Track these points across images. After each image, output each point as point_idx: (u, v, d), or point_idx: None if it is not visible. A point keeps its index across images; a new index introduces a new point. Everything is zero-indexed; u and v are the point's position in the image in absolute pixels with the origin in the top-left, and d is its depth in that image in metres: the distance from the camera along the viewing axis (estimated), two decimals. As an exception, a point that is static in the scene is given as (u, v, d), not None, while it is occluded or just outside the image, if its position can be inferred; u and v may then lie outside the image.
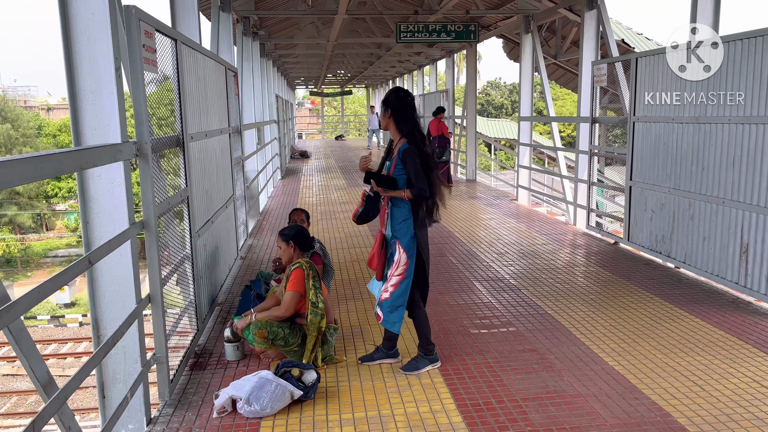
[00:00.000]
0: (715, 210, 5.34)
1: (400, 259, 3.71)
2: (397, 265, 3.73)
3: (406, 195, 3.65)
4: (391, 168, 3.73)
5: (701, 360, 3.95)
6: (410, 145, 3.67)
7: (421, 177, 3.63)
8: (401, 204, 3.72)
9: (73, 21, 2.94)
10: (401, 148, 3.68)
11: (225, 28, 8.11)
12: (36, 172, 2.06)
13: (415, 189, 3.63)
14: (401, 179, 3.69)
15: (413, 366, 3.86)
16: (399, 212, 3.73)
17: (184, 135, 4.12)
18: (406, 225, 3.72)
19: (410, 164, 3.64)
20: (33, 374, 2.30)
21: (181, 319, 3.98)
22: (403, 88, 3.95)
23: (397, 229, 3.73)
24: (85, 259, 2.48)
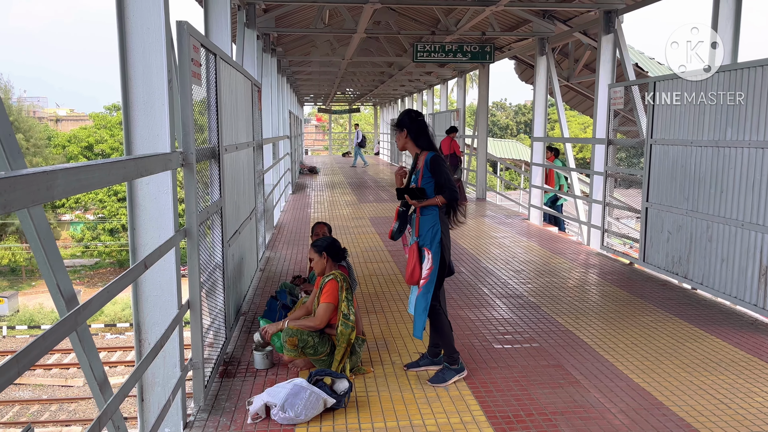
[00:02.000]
0: (734, 232, 5.42)
1: (426, 263, 3.85)
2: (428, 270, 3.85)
3: (440, 200, 3.81)
4: (419, 179, 3.87)
5: (725, 379, 4.00)
6: (435, 153, 3.89)
7: (450, 179, 3.84)
8: (429, 211, 3.87)
9: (129, 36, 3.05)
10: (428, 157, 3.86)
11: (249, 45, 8.27)
12: (108, 177, 2.16)
13: (447, 192, 3.80)
14: (429, 187, 3.85)
15: (440, 378, 3.91)
16: (427, 219, 3.87)
17: (220, 147, 4.23)
18: (434, 231, 3.85)
19: (439, 170, 3.83)
20: (91, 373, 2.38)
21: (214, 326, 4.05)
22: (413, 109, 4.20)
23: (426, 235, 3.86)
24: (141, 263, 2.57)
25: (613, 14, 8.55)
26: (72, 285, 2.18)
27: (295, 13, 12.08)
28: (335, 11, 12.29)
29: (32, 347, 1.60)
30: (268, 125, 10.38)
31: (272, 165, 10.16)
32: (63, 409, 14.84)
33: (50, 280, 2.11)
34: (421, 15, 12.88)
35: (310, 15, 12.32)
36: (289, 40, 15.13)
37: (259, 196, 7.25)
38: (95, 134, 37.01)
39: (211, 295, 4.14)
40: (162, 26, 3.05)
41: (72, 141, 36.97)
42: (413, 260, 3.89)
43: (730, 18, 6.08)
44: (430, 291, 3.85)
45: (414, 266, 3.88)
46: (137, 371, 2.66)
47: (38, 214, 2.06)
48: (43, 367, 16.99)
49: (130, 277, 2.44)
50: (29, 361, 1.57)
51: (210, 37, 5.67)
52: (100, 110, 42.04)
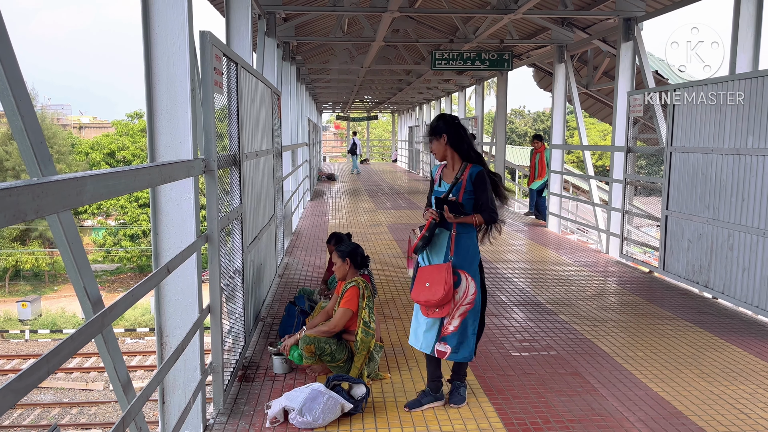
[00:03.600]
0: (756, 241, 5.36)
1: (468, 288, 3.53)
2: (465, 295, 3.53)
3: (477, 220, 3.51)
4: (460, 193, 3.55)
5: (745, 389, 3.96)
6: (482, 168, 3.60)
7: (492, 201, 3.56)
8: (468, 230, 3.57)
9: (154, 45, 3.13)
10: (474, 171, 3.56)
11: (270, 53, 8.39)
12: (134, 183, 2.22)
13: (486, 213, 3.52)
14: (469, 204, 3.56)
15: (459, 398, 3.70)
16: (466, 239, 3.56)
17: (240, 154, 4.30)
18: (473, 252, 3.57)
19: (484, 187, 3.54)
20: (115, 374, 2.43)
21: (234, 330, 4.11)
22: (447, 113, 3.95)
23: (464, 256, 3.54)
24: (164, 268, 2.63)
25: (633, 21, 8.52)
26: (98, 288, 2.24)
27: (314, 22, 12.21)
28: (354, 20, 12.40)
29: (61, 347, 1.65)
30: (288, 133, 10.49)
31: (291, 172, 10.25)
32: (83, 413, 15.04)
33: (77, 283, 2.17)
34: (439, 23, 12.94)
35: (329, 23, 12.45)
36: (309, 48, 15.28)
37: (278, 202, 7.32)
38: (117, 141, 37.59)
39: (231, 300, 4.20)
40: (186, 36, 3.12)
41: (95, 148, 37.58)
42: (443, 281, 3.46)
43: (751, 25, 6.04)
44: (477, 317, 3.57)
45: (447, 289, 3.45)
46: (159, 374, 2.72)
47: (67, 218, 2.13)
48: (64, 370, 17.24)
49: (153, 281, 2.49)
50: (58, 361, 1.62)
51: (231, 46, 5.77)
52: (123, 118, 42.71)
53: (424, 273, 3.57)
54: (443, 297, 3.45)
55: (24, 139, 2.00)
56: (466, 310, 3.54)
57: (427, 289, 3.50)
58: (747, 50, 5.96)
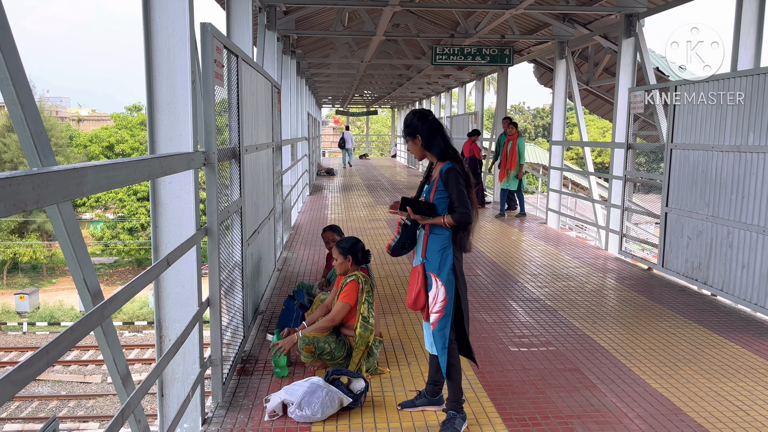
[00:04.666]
0: (755, 238, 5.36)
1: (437, 295, 3.30)
2: (435, 301, 3.30)
3: (447, 221, 3.25)
4: (432, 191, 3.34)
5: (744, 386, 3.97)
6: (453, 164, 3.31)
7: (464, 200, 3.25)
8: (440, 231, 3.31)
9: (155, 37, 3.11)
10: (443, 168, 3.31)
11: (270, 47, 8.35)
12: (134, 175, 2.21)
13: (457, 214, 3.24)
14: (442, 203, 3.30)
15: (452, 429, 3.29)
16: (437, 240, 3.32)
17: (240, 147, 4.29)
18: (445, 255, 3.30)
19: (453, 185, 3.27)
20: (114, 367, 2.43)
21: (233, 324, 4.10)
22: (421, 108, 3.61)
23: (435, 259, 3.32)
24: (164, 260, 2.62)
25: (634, 18, 8.50)
26: (98, 280, 2.23)
27: (315, 16, 12.16)
28: (355, 14, 12.35)
29: (61, 339, 1.64)
30: (287, 127, 10.46)
31: (290, 166, 10.23)
32: (81, 406, 15.06)
33: (77, 274, 2.16)
34: (440, 18, 12.89)
35: (329, 17, 12.40)
36: (309, 42, 15.23)
37: (278, 196, 7.31)
38: (116, 134, 37.52)
39: (230, 293, 4.20)
40: (186, 28, 3.10)
41: (93, 141, 37.54)
42: (416, 284, 3.36)
43: (753, 22, 6.02)
44: (447, 326, 3.29)
45: (419, 292, 3.34)
46: (158, 367, 2.71)
47: (67, 209, 2.12)
48: (62, 363, 17.25)
49: (153, 273, 2.49)
50: (58, 352, 1.62)
51: (232, 38, 5.75)
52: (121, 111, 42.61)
53: (411, 276, 3.49)
54: (414, 300, 3.36)
55: (24, 129, 1.98)
56: (436, 319, 3.30)
57: (409, 290, 3.44)
58: (749, 47, 5.95)
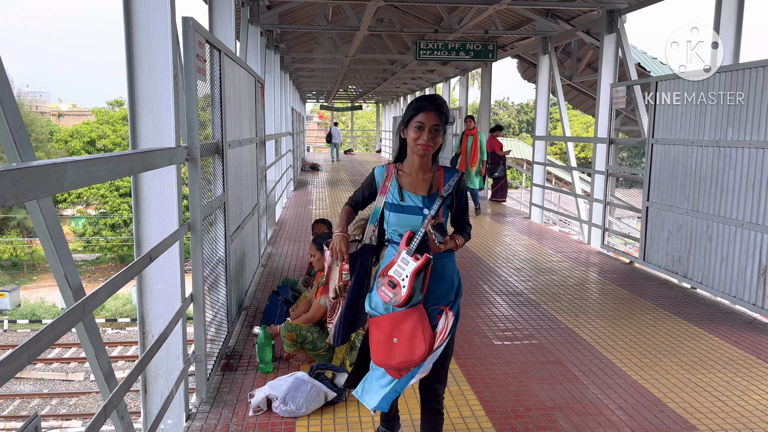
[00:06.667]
0: (734, 232, 5.44)
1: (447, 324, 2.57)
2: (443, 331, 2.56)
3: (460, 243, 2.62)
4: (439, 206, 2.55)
5: (722, 377, 4.04)
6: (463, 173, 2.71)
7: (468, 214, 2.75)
8: (449, 255, 2.66)
9: (136, 31, 3.08)
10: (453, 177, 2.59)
11: (253, 41, 8.31)
12: (116, 170, 2.19)
13: (467, 233, 2.70)
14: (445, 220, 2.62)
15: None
16: (449, 267, 2.64)
17: (224, 142, 4.27)
18: (458, 279, 2.69)
19: (464, 197, 2.70)
20: (97, 364, 2.41)
21: (216, 319, 4.09)
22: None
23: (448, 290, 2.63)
24: (146, 256, 2.61)
25: (616, 14, 8.57)
26: (79, 276, 2.21)
27: (298, 10, 12.11)
28: (339, 8, 12.31)
29: (42, 335, 1.63)
30: (271, 122, 10.42)
31: (274, 161, 10.19)
32: (63, 404, 14.91)
33: (58, 270, 2.14)
34: (424, 13, 12.90)
35: (313, 12, 12.35)
36: (293, 36, 15.16)
37: (262, 192, 7.29)
38: (97, 129, 37.05)
39: (214, 289, 4.18)
40: (168, 22, 3.08)
41: (74, 136, 37.02)
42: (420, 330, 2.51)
43: (732, 19, 6.10)
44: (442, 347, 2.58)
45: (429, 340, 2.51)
46: (141, 363, 2.70)
47: (47, 205, 2.10)
48: (44, 361, 17.06)
49: (135, 269, 2.47)
50: (39, 348, 1.61)
51: (214, 33, 5.71)
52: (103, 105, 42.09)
53: (383, 326, 2.56)
54: (427, 351, 2.51)
55: (3, 123, 1.96)
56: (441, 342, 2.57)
57: (398, 346, 2.53)
58: (728, 43, 6.03)
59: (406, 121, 2.59)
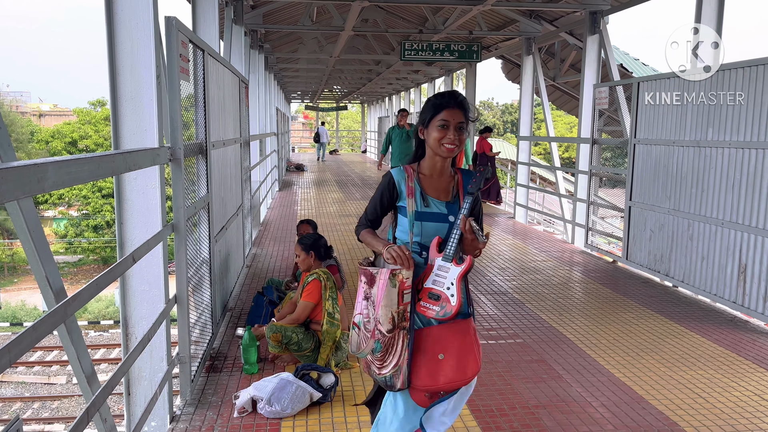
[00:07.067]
0: (714, 231, 5.52)
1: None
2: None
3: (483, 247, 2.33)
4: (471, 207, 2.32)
5: (703, 374, 4.09)
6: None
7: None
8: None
9: (118, 31, 3.06)
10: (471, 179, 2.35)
11: (237, 41, 8.26)
12: (98, 171, 2.18)
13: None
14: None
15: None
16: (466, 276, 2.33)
17: (207, 142, 4.25)
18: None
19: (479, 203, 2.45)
20: (79, 366, 2.39)
21: (201, 321, 4.07)
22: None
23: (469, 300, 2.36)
24: (129, 257, 2.59)
25: (599, 15, 8.65)
26: (61, 277, 2.19)
27: (283, 10, 12.06)
28: (323, 8, 12.29)
29: (23, 337, 1.62)
30: (255, 122, 10.37)
31: (259, 162, 10.15)
32: (45, 407, 14.72)
33: (39, 272, 2.12)
34: (408, 13, 12.92)
35: (298, 12, 12.31)
36: (277, 36, 15.10)
37: (246, 192, 7.26)
38: (79, 130, 36.62)
39: (198, 290, 4.16)
40: (151, 22, 3.06)
41: (55, 136, 36.54)
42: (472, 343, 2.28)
43: (712, 20, 6.18)
44: None
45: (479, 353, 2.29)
46: (124, 365, 2.68)
47: (28, 206, 2.08)
48: (25, 364, 16.83)
49: (118, 270, 2.45)
50: (20, 350, 1.59)
51: (198, 32, 5.67)
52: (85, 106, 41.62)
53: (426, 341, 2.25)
54: (478, 368, 2.27)
55: (-19, 124, 1.94)
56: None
57: (445, 364, 2.22)
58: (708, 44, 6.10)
59: (426, 120, 2.34)
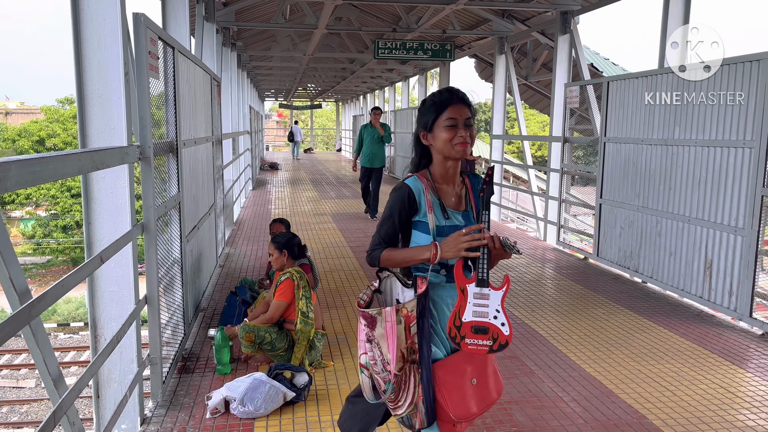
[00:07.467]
0: (681, 228, 5.64)
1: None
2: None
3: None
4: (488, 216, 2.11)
5: (671, 367, 4.18)
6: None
7: None
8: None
9: (84, 26, 3.00)
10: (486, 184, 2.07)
11: (209, 38, 8.18)
12: (63, 169, 2.14)
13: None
14: None
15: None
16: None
17: (178, 141, 4.20)
18: None
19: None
20: (45, 369, 2.34)
21: (172, 321, 4.02)
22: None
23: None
24: (97, 257, 2.55)
25: (569, 15, 8.76)
26: (25, 279, 2.14)
27: (255, 8, 11.97)
28: (296, 6, 12.23)
29: (-15, 340, 1.58)
30: (228, 120, 10.29)
31: (232, 160, 10.06)
32: (14, 411, 14.39)
33: (2, 274, 2.07)
34: (382, 12, 12.92)
35: (270, 10, 12.23)
36: (250, 34, 14.98)
37: (219, 191, 7.19)
38: (47, 128, 35.86)
39: (170, 290, 4.11)
40: (118, 18, 3.01)
41: (22, 135, 35.74)
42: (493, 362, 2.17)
43: (679, 20, 6.30)
44: None
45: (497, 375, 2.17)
46: (92, 366, 2.63)
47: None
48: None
49: (85, 271, 2.41)
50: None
51: (168, 29, 5.60)
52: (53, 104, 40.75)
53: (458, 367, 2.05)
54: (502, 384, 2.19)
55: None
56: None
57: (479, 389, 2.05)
58: (675, 45, 6.22)
59: (429, 124, 2.15)
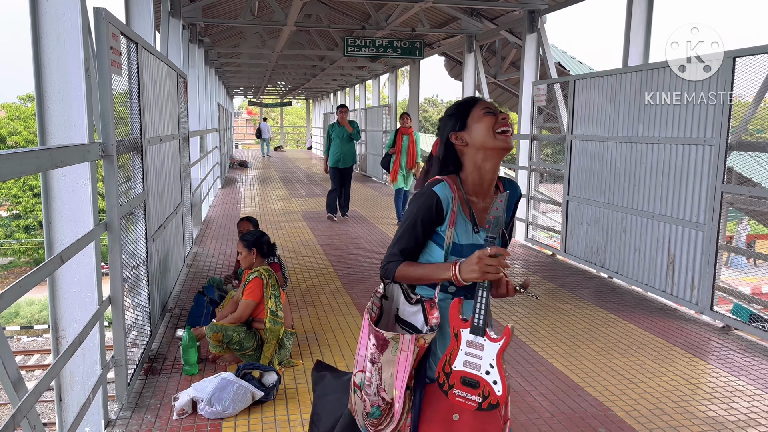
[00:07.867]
0: (645, 224, 5.75)
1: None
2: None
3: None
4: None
5: (635, 360, 4.26)
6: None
7: None
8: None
9: (43, 21, 2.93)
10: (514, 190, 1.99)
11: (174, 35, 8.04)
12: (20, 167, 2.08)
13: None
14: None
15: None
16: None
17: (143, 138, 4.13)
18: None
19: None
20: (5, 371, 2.28)
21: (138, 322, 3.95)
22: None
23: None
24: (57, 257, 2.49)
25: (536, 14, 8.85)
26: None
27: (223, 4, 11.82)
28: (265, 3, 12.11)
29: (-64, 344, 1.53)
30: (195, 117, 10.14)
31: (200, 158, 9.93)
32: (-25, 417, 13.99)
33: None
34: (351, 9, 12.88)
35: (239, 6, 12.09)
36: (218, 31, 14.79)
37: (186, 189, 7.09)
38: (8, 126, 34.88)
39: (135, 291, 4.04)
40: (78, 13, 2.94)
41: (-15, 132, 34.70)
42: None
43: (642, 21, 6.42)
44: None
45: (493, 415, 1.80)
46: (54, 368, 2.57)
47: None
48: (-49, 373, 15.93)
49: (45, 271, 2.35)
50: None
51: (131, 25, 5.49)
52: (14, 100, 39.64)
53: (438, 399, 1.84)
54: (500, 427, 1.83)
55: None
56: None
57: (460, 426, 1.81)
58: (639, 44, 6.35)
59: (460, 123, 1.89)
